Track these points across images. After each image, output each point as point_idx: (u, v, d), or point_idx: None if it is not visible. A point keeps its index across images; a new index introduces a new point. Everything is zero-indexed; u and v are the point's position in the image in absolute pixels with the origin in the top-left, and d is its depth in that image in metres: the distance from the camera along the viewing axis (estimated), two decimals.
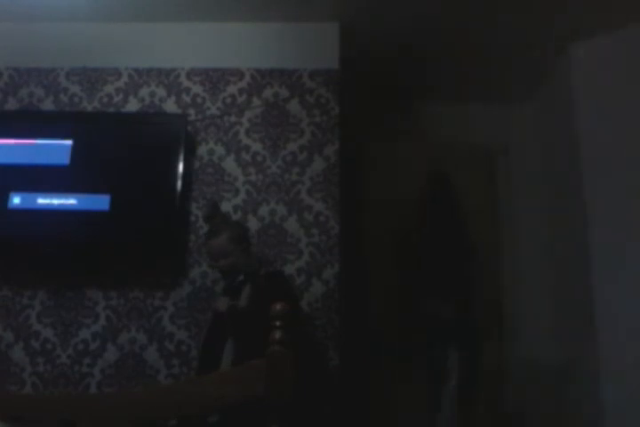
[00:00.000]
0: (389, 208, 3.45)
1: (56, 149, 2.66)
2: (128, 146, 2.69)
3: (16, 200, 2.60)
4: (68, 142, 2.67)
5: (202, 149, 2.82)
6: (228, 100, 2.88)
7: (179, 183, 2.63)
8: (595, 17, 2.81)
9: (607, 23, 2.86)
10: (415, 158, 3.59)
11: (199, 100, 2.88)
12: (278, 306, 1.54)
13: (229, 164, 2.80)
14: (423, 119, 3.63)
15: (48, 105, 2.89)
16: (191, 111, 2.86)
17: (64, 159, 2.64)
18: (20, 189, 2.61)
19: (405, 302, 3.23)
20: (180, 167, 2.65)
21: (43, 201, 2.60)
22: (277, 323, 1.52)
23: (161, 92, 2.90)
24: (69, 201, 2.60)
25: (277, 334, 1.50)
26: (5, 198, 2.60)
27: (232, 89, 2.89)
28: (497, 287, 3.43)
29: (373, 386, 3.11)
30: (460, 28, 2.94)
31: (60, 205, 2.60)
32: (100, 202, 2.59)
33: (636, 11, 2.76)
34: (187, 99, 2.89)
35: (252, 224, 2.69)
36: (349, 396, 2.64)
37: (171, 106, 2.88)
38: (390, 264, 3.36)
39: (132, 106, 2.88)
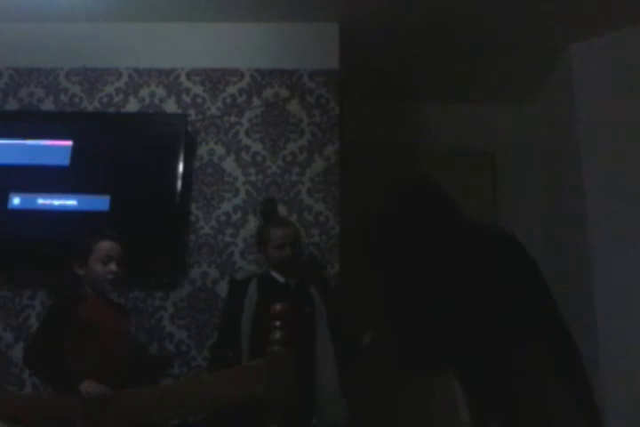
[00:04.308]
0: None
1: (56, 149, 2.66)
2: (128, 146, 2.69)
3: (16, 201, 2.60)
4: (68, 143, 2.67)
5: (202, 149, 2.81)
6: (228, 101, 2.88)
7: (179, 183, 2.63)
8: (595, 17, 2.81)
9: (607, 23, 2.86)
10: (414, 159, 3.59)
11: (199, 100, 2.88)
12: (278, 306, 1.54)
13: (229, 164, 2.80)
14: (423, 119, 3.63)
15: (48, 105, 2.88)
16: (191, 111, 2.86)
17: (64, 160, 2.64)
18: (20, 189, 2.61)
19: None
20: (180, 167, 2.65)
21: (43, 202, 2.60)
22: (277, 323, 1.52)
23: (161, 92, 2.90)
24: (69, 202, 2.60)
25: (277, 334, 1.50)
26: (5, 199, 2.60)
27: (232, 89, 2.89)
28: None
29: (373, 386, 3.10)
30: (460, 28, 2.94)
31: (60, 205, 2.60)
32: (100, 202, 2.59)
33: (636, 11, 2.76)
34: (187, 99, 2.88)
35: (252, 224, 2.69)
36: (349, 396, 2.63)
37: (171, 106, 2.88)
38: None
39: (132, 106, 2.88)
